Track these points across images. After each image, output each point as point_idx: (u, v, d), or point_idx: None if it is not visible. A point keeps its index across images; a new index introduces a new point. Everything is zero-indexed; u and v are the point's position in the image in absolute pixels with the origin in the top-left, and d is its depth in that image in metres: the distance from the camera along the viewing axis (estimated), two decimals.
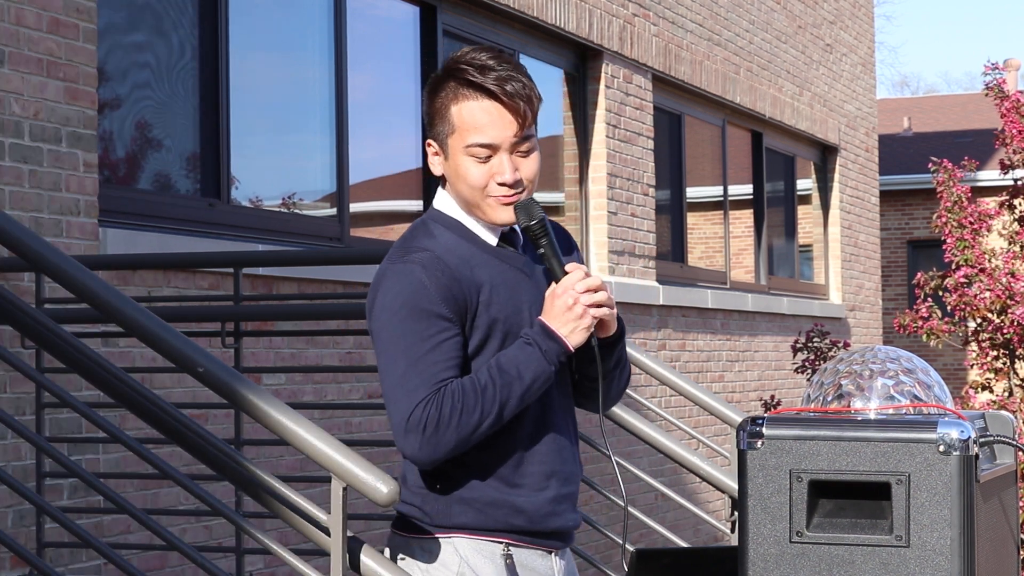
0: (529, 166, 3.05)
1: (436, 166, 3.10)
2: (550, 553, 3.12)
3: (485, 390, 2.95)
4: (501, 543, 3.06)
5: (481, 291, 3.01)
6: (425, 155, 3.16)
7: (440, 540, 3.06)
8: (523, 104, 3.01)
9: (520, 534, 3.06)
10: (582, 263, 3.15)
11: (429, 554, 3.06)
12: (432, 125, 3.07)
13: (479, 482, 3.03)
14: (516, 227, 3.11)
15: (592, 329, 3.02)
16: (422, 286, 2.96)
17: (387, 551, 3.20)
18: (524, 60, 9.55)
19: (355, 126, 7.98)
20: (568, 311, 3.00)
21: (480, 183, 3.02)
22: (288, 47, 7.90)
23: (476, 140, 3.01)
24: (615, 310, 3.07)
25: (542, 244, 3.03)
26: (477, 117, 3.00)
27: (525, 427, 3.07)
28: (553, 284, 3.04)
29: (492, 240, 3.09)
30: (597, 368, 3.07)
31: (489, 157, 3.02)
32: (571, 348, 3.01)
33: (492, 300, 3.02)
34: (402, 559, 3.09)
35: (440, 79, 3.06)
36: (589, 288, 3.01)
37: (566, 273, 3.03)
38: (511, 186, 3.02)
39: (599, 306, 3.02)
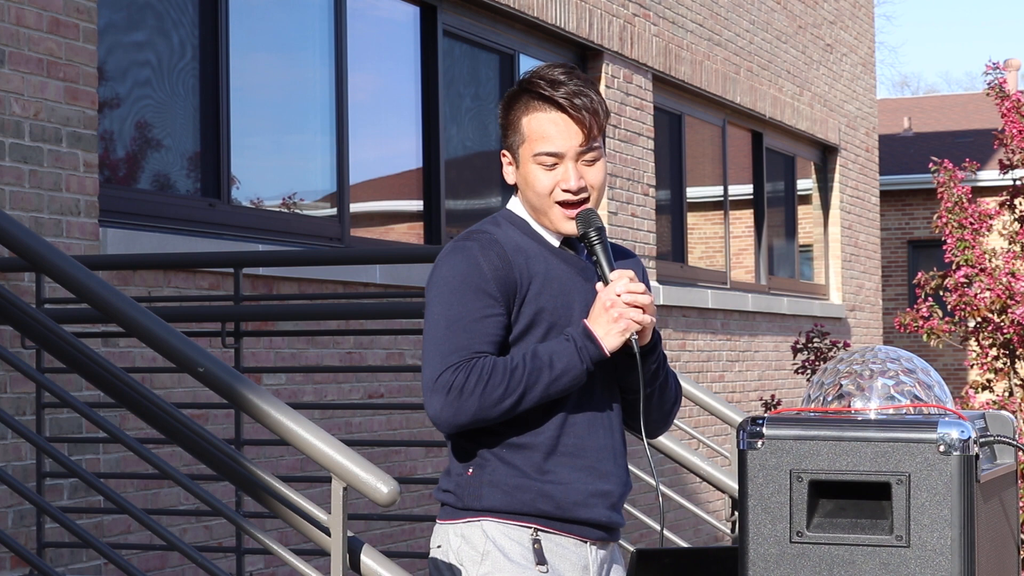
0: (594, 174, 3.19)
1: (509, 175, 3.26)
2: (585, 542, 3.15)
3: (515, 371, 3.05)
4: (529, 528, 3.11)
5: (533, 281, 3.14)
6: (499, 165, 3.30)
7: (471, 523, 3.14)
8: (589, 116, 3.18)
9: (549, 519, 3.11)
10: (644, 279, 3.24)
11: (461, 538, 3.14)
12: (505, 136, 3.25)
13: (510, 467, 3.11)
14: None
15: (628, 335, 3.09)
16: (476, 264, 3.10)
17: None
18: (524, 60, 9.55)
19: (355, 126, 7.98)
20: (605, 312, 3.09)
21: (546, 189, 3.17)
22: (288, 47, 7.90)
23: (543, 149, 3.17)
24: (655, 319, 3.14)
25: (596, 251, 3.15)
26: (546, 128, 3.17)
27: (563, 421, 3.14)
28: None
29: (555, 242, 3.22)
30: (638, 376, 3.12)
31: (555, 165, 3.17)
32: (607, 350, 3.09)
33: (543, 291, 3.14)
34: (438, 547, 3.17)
35: (515, 93, 3.24)
36: (631, 291, 3.10)
37: (611, 269, 3.14)
38: (575, 193, 3.17)
39: (640, 309, 3.09)
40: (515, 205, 3.28)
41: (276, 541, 3.68)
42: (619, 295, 3.09)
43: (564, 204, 3.17)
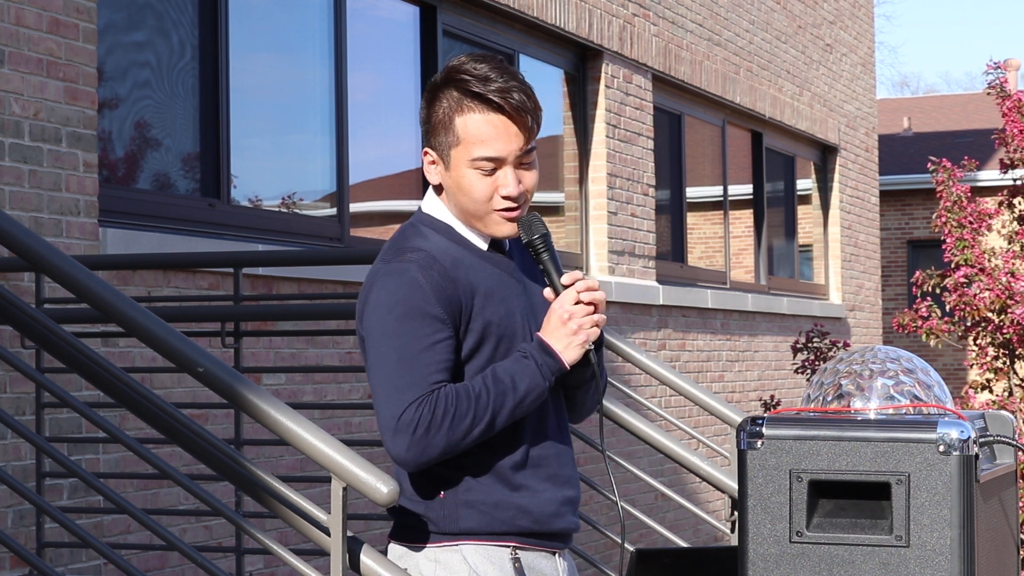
0: (531, 178, 3.04)
1: (433, 175, 3.06)
2: (554, 554, 3.11)
3: (479, 397, 2.93)
4: (508, 547, 3.04)
5: (476, 294, 2.99)
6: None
7: (447, 548, 3.03)
8: (529, 117, 3.00)
9: (526, 536, 3.05)
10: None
11: (435, 563, 3.03)
12: (433, 135, 3.03)
13: (483, 485, 3.01)
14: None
15: (588, 345, 3.00)
16: (418, 285, 2.93)
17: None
18: (524, 60, 9.55)
19: (355, 126, 7.98)
20: (563, 326, 2.99)
21: (485, 196, 3.00)
22: (288, 47, 7.90)
23: (482, 153, 2.98)
24: (605, 317, 3.06)
25: (543, 259, 3.02)
26: (483, 130, 2.98)
27: (525, 432, 3.05)
28: (553, 298, 3.03)
29: (483, 245, 3.07)
30: (590, 380, 3.08)
31: (494, 170, 3.00)
32: (566, 364, 3.00)
33: (486, 304, 3.00)
34: (405, 570, 3.07)
35: (440, 87, 3.03)
36: (590, 287, 3.01)
37: (565, 287, 3.02)
38: (515, 199, 3.01)
39: (593, 307, 3.01)
40: (433, 207, 3.09)
41: (276, 541, 3.68)
42: (579, 303, 2.98)
43: (502, 209, 3.01)
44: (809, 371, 10.09)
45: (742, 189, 13.17)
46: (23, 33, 5.81)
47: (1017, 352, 9.71)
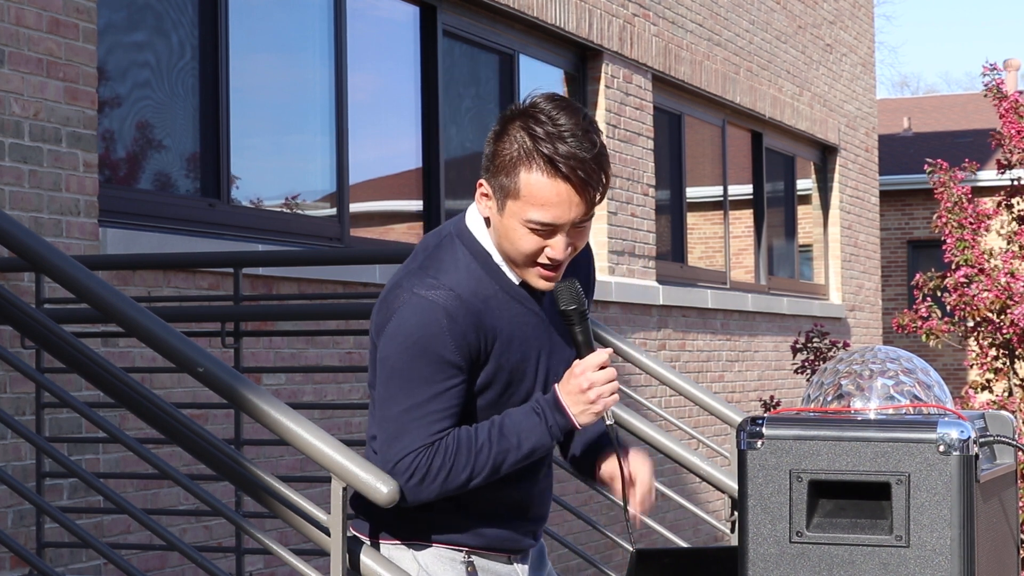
0: (583, 239, 2.96)
1: (483, 208, 2.96)
2: (511, 562, 3.12)
3: (480, 451, 2.92)
4: (461, 551, 3.05)
5: (497, 340, 2.95)
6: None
7: (398, 545, 3.07)
8: (595, 191, 2.89)
9: (477, 548, 3.06)
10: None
11: (387, 559, 3.08)
12: (493, 172, 2.91)
13: (445, 513, 3.03)
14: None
15: (602, 414, 2.99)
16: (441, 331, 2.88)
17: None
18: (524, 60, 9.55)
19: (355, 126, 7.98)
20: (582, 393, 2.96)
21: (531, 253, 2.93)
22: (288, 47, 7.90)
23: (539, 218, 2.88)
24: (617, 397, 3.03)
25: (575, 331, 2.98)
26: (545, 195, 2.86)
27: (507, 480, 3.05)
28: (576, 361, 3.00)
29: (516, 279, 3.00)
30: (616, 453, 3.07)
31: (547, 233, 2.91)
32: (578, 427, 2.99)
33: (505, 350, 2.97)
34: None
35: (513, 123, 2.90)
36: (603, 367, 2.97)
37: (590, 351, 2.99)
38: (560, 262, 2.95)
39: (612, 393, 2.98)
40: (476, 225, 3.00)
41: (276, 541, 3.68)
42: (603, 367, 2.95)
43: (542, 265, 2.94)
44: (809, 371, 10.09)
45: (742, 189, 13.17)
46: (23, 33, 5.81)
47: (1017, 352, 9.71)
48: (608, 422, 3.02)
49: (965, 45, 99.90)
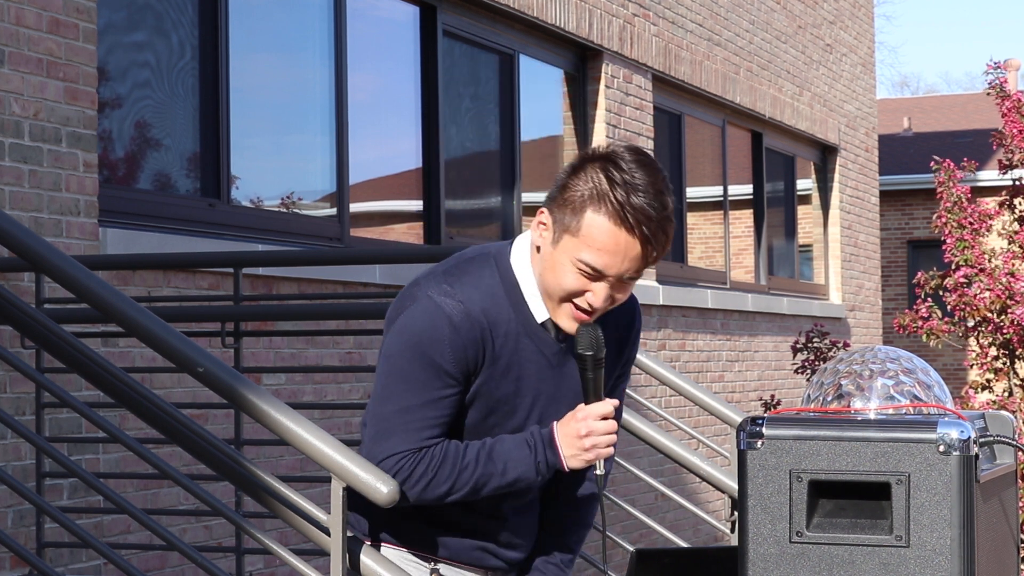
0: (625, 292, 2.94)
1: (536, 237, 2.95)
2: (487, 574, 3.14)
3: (463, 470, 2.93)
4: (428, 559, 3.08)
5: (495, 364, 2.95)
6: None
7: (371, 544, 3.14)
8: (654, 249, 2.88)
9: (445, 559, 3.09)
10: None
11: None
12: (559, 205, 2.90)
13: (406, 518, 3.08)
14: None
15: (592, 463, 2.99)
16: (441, 340, 2.89)
17: None
18: (524, 60, 9.55)
19: (355, 126, 7.98)
20: (578, 438, 2.96)
21: (571, 292, 2.91)
22: (288, 47, 7.90)
23: (591, 261, 2.87)
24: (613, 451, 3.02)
25: (587, 378, 2.97)
26: (604, 240, 2.85)
27: (488, 515, 3.09)
28: (581, 405, 2.99)
29: (539, 316, 2.99)
30: (599, 500, 3.09)
31: (593, 277, 2.89)
32: (566, 468, 2.99)
33: (498, 377, 2.96)
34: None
35: (591, 164, 2.89)
36: (605, 418, 2.97)
37: (597, 400, 2.98)
38: (596, 310, 2.93)
39: (608, 444, 2.98)
40: (519, 256, 2.99)
41: (276, 541, 3.68)
42: (605, 418, 2.95)
43: (577, 307, 2.92)
44: (809, 371, 10.09)
45: (742, 189, 13.17)
46: (23, 33, 5.81)
47: (1017, 352, 9.71)
48: (597, 472, 3.01)
49: (965, 45, 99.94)
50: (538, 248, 2.96)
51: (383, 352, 2.97)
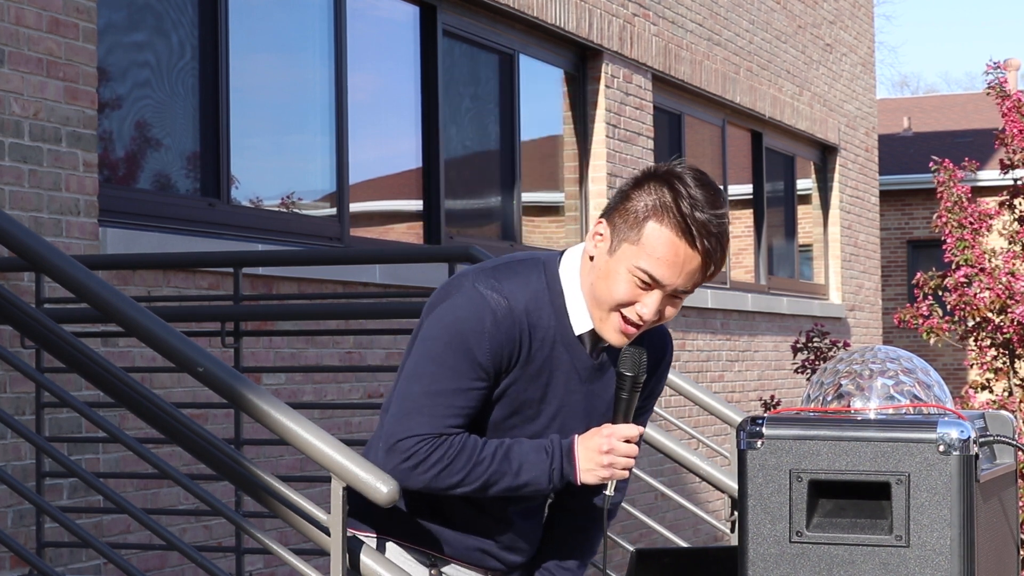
0: (673, 311, 2.96)
1: (591, 247, 2.97)
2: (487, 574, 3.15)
3: (478, 464, 2.94)
4: (429, 555, 3.09)
5: (527, 365, 2.96)
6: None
7: (370, 537, 3.17)
8: (711, 264, 2.91)
9: (447, 555, 3.10)
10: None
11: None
12: (619, 215, 2.92)
13: (412, 510, 3.09)
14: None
15: (605, 481, 3.01)
16: (482, 331, 2.91)
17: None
18: (524, 60, 9.55)
19: (355, 126, 7.98)
20: (599, 453, 2.98)
21: (622, 300, 2.92)
22: (288, 47, 7.90)
23: (648, 269, 2.88)
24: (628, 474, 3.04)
25: (621, 397, 2.99)
26: (665, 250, 2.88)
27: (494, 519, 3.10)
28: (608, 424, 3.01)
29: (579, 329, 3.00)
30: (604, 521, 3.11)
31: (648, 287, 2.90)
32: (579, 481, 3.00)
33: (525, 379, 2.97)
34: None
35: (654, 179, 2.92)
36: (629, 441, 2.99)
37: (626, 422, 3.00)
38: (644, 322, 2.94)
39: (625, 467, 3.01)
40: (568, 264, 3.01)
41: (276, 541, 3.68)
42: (628, 441, 2.97)
43: (625, 319, 2.93)
44: (809, 371, 10.09)
45: (742, 189, 13.17)
46: (23, 33, 5.81)
47: (1017, 352, 9.71)
48: (607, 493, 3.03)
49: (965, 45, 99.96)
50: (591, 258, 2.97)
51: (420, 335, 2.98)
